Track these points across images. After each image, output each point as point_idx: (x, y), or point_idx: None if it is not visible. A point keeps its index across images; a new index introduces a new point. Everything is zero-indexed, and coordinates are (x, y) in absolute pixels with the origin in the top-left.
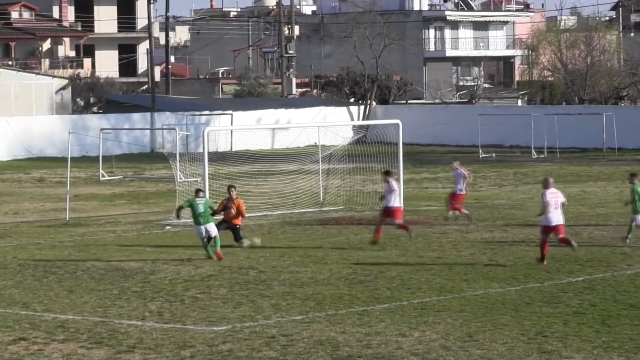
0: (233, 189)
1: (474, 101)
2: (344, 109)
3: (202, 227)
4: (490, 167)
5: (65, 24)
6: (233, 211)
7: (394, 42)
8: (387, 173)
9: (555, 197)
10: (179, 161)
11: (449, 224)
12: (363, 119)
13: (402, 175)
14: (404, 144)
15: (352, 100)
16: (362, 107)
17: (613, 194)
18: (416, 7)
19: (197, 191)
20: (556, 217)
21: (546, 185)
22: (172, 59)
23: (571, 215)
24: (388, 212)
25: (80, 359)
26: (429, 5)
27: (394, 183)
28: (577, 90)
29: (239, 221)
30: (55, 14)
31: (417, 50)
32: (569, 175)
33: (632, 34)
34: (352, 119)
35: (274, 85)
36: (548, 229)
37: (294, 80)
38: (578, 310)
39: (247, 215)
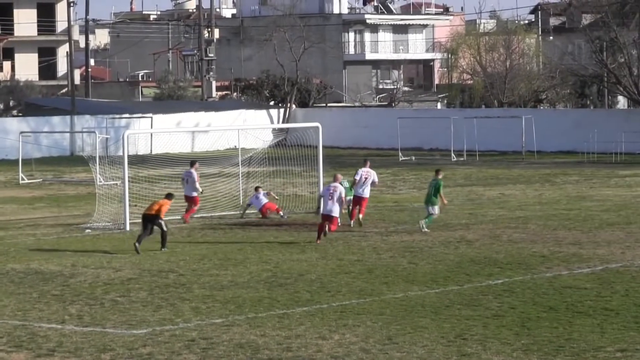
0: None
1: (393, 104)
2: (264, 112)
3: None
4: (409, 170)
5: None
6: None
7: (314, 45)
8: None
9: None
10: (99, 164)
11: (368, 227)
12: (283, 122)
13: (321, 178)
14: (324, 146)
15: (272, 103)
16: (282, 110)
17: (532, 196)
18: (336, 11)
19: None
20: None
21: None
22: (92, 62)
23: (491, 218)
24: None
25: None
26: (348, 8)
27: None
28: (497, 93)
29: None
30: None
31: (337, 54)
32: (489, 178)
33: (551, 38)
34: (272, 122)
35: (194, 88)
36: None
37: (214, 84)
38: (497, 313)
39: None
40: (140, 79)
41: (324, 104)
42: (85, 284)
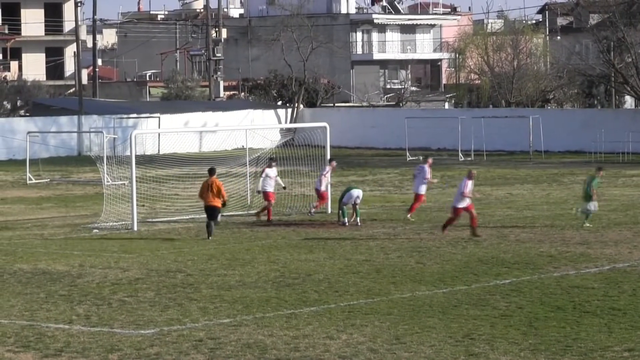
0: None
1: (401, 104)
2: (272, 112)
3: None
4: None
5: None
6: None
7: (322, 45)
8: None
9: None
10: (106, 164)
11: (375, 227)
12: (291, 122)
13: (329, 178)
14: (331, 146)
15: (279, 103)
16: (289, 110)
17: (540, 196)
18: (344, 11)
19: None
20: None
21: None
22: (99, 62)
23: (498, 217)
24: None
25: None
26: (356, 8)
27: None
28: (504, 93)
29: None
30: None
31: (344, 54)
32: (496, 177)
33: (558, 37)
34: (280, 122)
35: (201, 88)
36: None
37: (222, 83)
38: (505, 313)
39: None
40: (147, 78)
41: (332, 104)
42: (93, 284)
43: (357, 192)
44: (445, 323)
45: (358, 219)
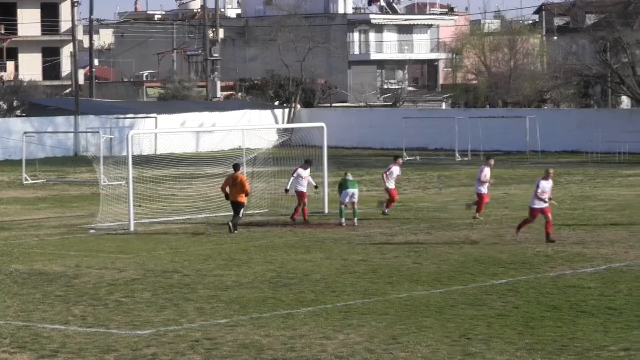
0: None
1: (398, 104)
2: (269, 112)
3: None
4: (414, 169)
5: None
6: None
7: (319, 46)
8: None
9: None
10: (103, 164)
11: (372, 227)
12: (288, 122)
13: (326, 178)
14: (328, 147)
15: (276, 103)
16: (286, 110)
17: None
18: (341, 11)
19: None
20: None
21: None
22: (96, 62)
23: (495, 217)
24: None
25: None
26: (353, 8)
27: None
28: (501, 93)
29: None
30: None
31: (341, 54)
32: (493, 177)
33: (555, 38)
34: (277, 122)
35: (198, 88)
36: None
37: (219, 84)
38: (501, 313)
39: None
40: (144, 79)
41: (329, 104)
42: (89, 285)
43: (351, 190)
44: (441, 323)
45: (355, 219)
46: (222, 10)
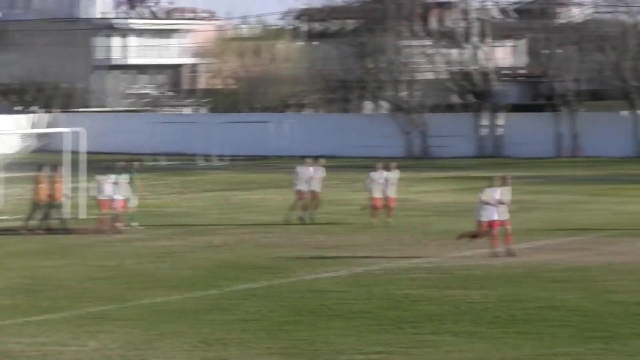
0: None
1: (147, 109)
2: (11, 117)
3: None
4: (172, 174)
5: None
6: None
7: (64, 50)
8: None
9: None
10: None
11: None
12: (41, 127)
13: (85, 183)
14: (74, 152)
15: (21, 108)
16: (36, 115)
17: (279, 200)
18: (87, 15)
19: None
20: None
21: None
22: None
23: (244, 222)
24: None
25: None
26: (100, 13)
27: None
28: (251, 98)
29: None
30: None
31: (86, 58)
32: (241, 182)
33: (308, 43)
34: (25, 128)
35: None
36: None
37: None
38: (257, 317)
39: None
40: None
41: (83, 109)
42: None
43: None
44: (197, 328)
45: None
46: None
